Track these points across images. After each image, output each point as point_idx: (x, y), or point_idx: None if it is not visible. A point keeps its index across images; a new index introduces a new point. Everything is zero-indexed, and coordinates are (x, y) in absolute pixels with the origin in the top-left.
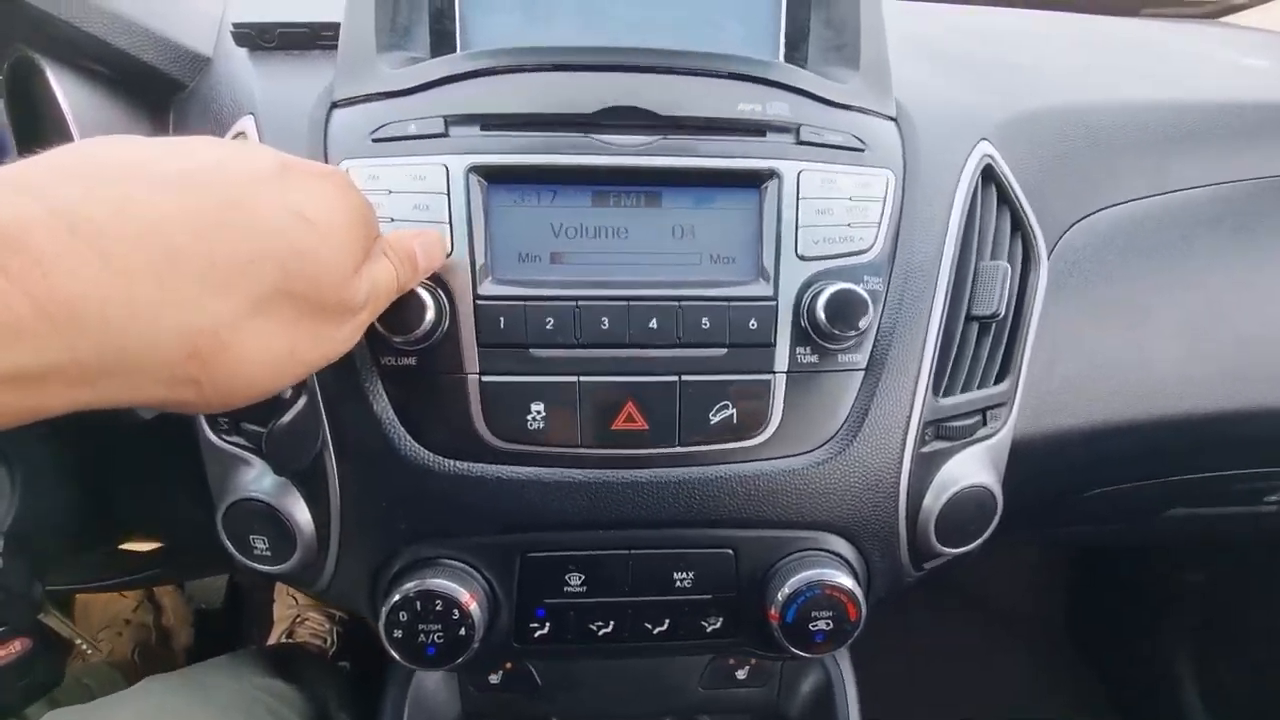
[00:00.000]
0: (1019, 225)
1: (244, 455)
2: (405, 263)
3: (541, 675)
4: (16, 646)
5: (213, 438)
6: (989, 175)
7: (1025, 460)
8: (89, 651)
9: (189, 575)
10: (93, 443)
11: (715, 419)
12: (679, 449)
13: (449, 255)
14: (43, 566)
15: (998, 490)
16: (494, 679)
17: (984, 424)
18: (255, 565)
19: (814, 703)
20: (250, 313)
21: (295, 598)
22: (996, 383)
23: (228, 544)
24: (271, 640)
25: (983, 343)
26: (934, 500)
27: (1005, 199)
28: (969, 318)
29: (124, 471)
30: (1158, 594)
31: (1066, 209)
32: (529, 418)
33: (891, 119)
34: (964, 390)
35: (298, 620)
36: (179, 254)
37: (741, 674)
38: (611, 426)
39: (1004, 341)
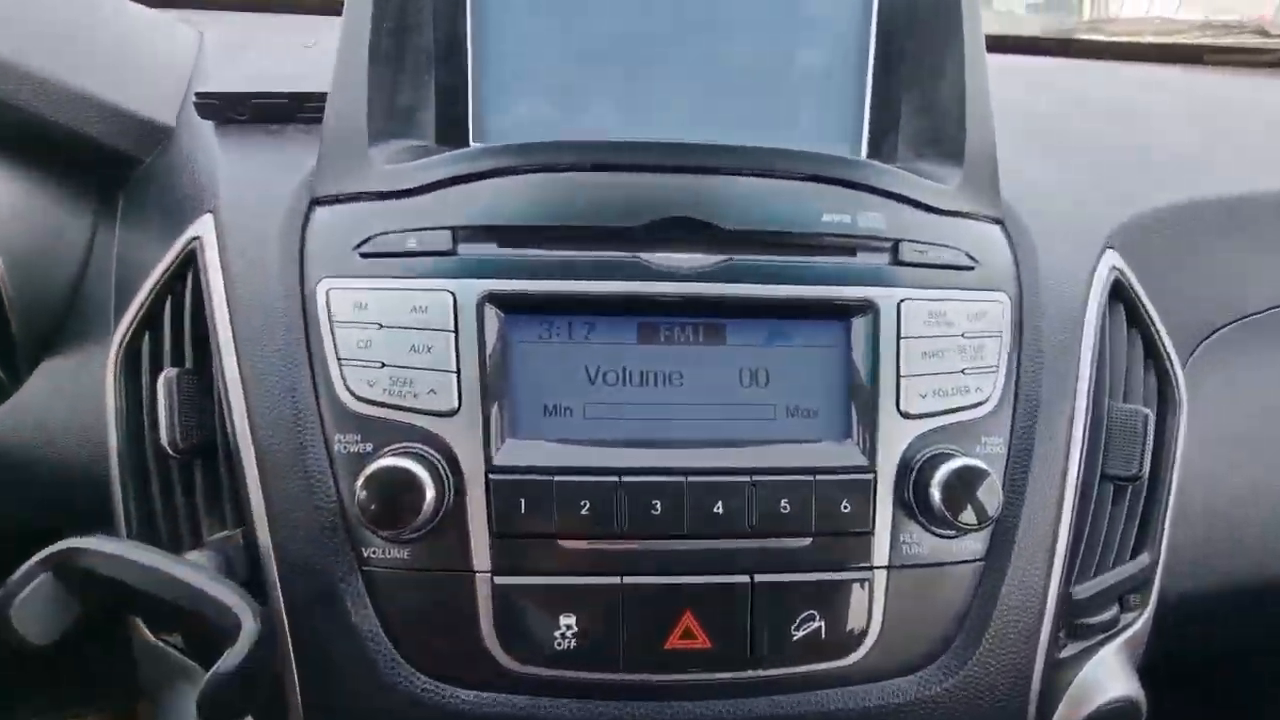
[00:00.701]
0: (1151, 353)
1: (185, 664)
2: None
3: None
4: None
5: (149, 638)
6: (1117, 293)
7: (1158, 636)
8: None
9: None
10: None
11: (798, 633)
12: (750, 674)
13: (454, 414)
14: None
15: (1142, 700)
16: None
17: (1121, 610)
18: None
19: None
20: None
21: None
22: (1133, 556)
23: None
24: None
25: (1118, 507)
26: (1068, 717)
27: (1136, 322)
28: (1103, 477)
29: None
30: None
31: (1194, 326)
32: (556, 633)
33: (998, 221)
34: (1098, 571)
35: None
36: None
37: None
38: (664, 645)
39: (1141, 504)
